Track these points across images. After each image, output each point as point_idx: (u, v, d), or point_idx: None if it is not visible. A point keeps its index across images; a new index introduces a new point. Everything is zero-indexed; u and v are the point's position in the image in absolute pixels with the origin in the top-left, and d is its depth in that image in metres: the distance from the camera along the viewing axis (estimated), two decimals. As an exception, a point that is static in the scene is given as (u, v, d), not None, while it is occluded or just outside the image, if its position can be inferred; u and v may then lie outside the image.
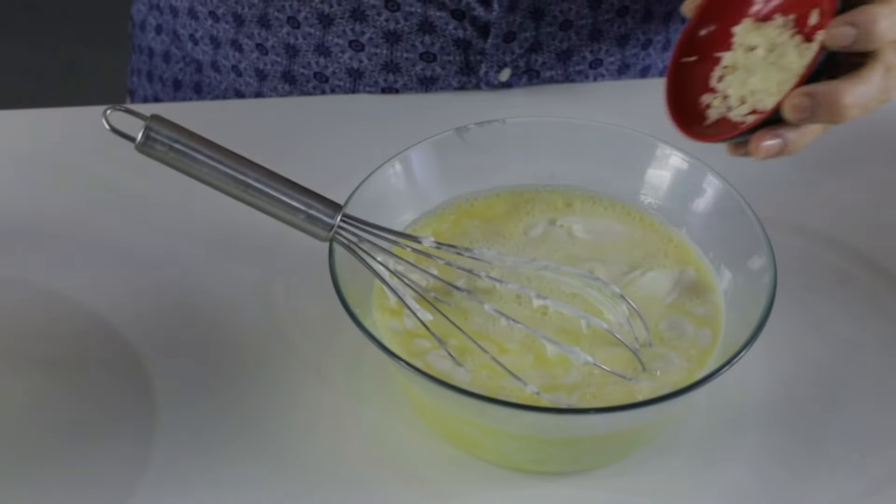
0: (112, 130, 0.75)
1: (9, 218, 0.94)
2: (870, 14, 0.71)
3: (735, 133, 0.75)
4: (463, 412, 0.76)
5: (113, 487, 0.77)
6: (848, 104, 0.71)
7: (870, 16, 0.71)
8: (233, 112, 1.05)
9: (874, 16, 0.71)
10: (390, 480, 0.78)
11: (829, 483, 0.79)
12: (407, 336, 0.79)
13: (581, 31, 1.04)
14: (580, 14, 1.03)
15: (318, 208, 0.76)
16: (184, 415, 0.81)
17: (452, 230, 0.86)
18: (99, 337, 0.86)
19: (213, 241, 0.93)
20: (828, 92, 0.71)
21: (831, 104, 0.71)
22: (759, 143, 0.73)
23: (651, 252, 0.84)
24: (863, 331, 0.88)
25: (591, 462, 0.79)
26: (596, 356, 0.77)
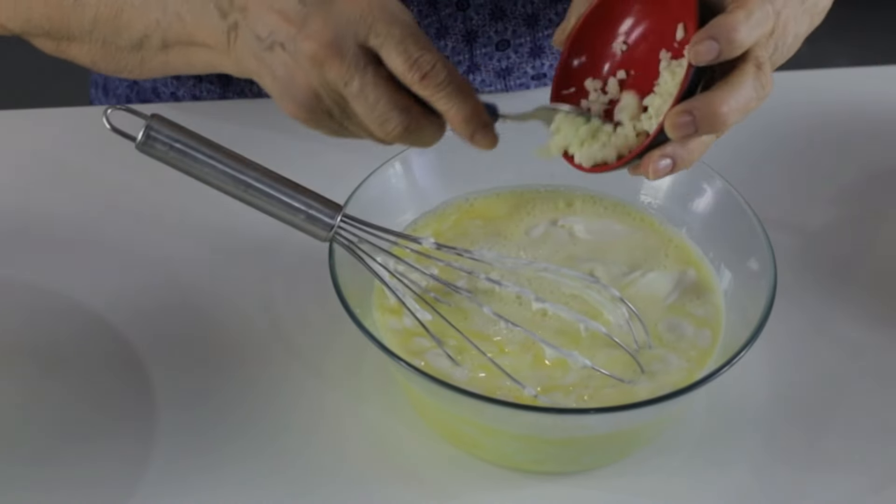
0: (113, 130, 0.74)
1: (9, 218, 0.94)
2: (728, 24, 0.71)
3: (625, 161, 0.76)
4: (462, 412, 0.76)
5: (113, 487, 0.77)
6: (726, 113, 0.72)
7: (728, 26, 0.71)
8: (233, 112, 1.04)
9: (733, 24, 0.71)
10: (390, 480, 0.78)
11: (829, 483, 0.79)
12: (406, 335, 0.79)
13: (520, 49, 1.05)
14: (517, 32, 1.04)
15: (319, 208, 0.76)
16: (184, 415, 0.81)
17: (454, 230, 0.86)
18: (99, 337, 0.86)
19: (214, 241, 0.93)
20: (704, 105, 0.72)
21: (710, 116, 0.72)
22: (649, 166, 0.75)
23: (652, 253, 0.84)
24: (863, 331, 0.88)
25: (590, 462, 0.79)
26: (595, 358, 0.77)
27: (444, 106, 0.75)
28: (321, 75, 0.75)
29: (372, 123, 0.76)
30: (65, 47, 0.90)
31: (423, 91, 0.75)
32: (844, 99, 1.08)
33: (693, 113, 0.72)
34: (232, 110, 1.05)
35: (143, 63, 0.87)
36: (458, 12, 1.01)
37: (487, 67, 1.05)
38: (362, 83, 0.75)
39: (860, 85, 1.10)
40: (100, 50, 0.88)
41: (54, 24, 0.89)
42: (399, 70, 0.75)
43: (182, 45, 0.84)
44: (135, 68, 0.88)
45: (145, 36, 0.85)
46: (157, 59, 0.87)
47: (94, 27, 0.87)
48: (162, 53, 0.86)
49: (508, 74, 1.06)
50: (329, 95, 0.76)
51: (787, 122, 1.04)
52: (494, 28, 1.03)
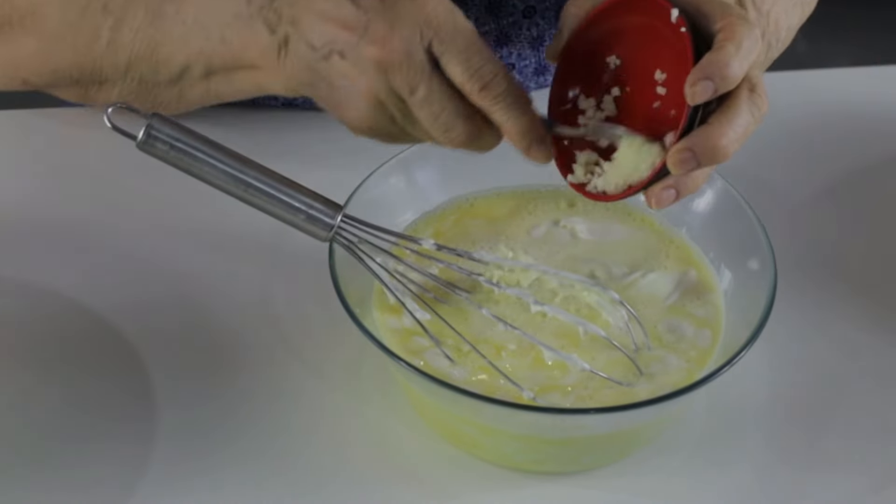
0: (114, 129, 0.74)
1: (9, 218, 0.94)
2: (721, 61, 0.72)
3: (630, 193, 0.76)
4: (462, 411, 0.76)
5: (113, 488, 0.77)
6: (725, 145, 0.73)
7: (721, 63, 0.72)
8: (233, 112, 1.04)
9: (725, 61, 0.72)
10: (390, 480, 0.78)
11: (829, 483, 0.79)
12: (406, 334, 0.79)
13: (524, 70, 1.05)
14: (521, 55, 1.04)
15: (319, 208, 0.76)
16: (184, 415, 0.81)
17: (455, 229, 0.86)
18: (99, 337, 0.86)
19: (214, 241, 0.93)
20: (704, 140, 0.73)
21: (710, 151, 0.73)
22: (654, 198, 0.75)
23: (653, 253, 0.84)
24: (863, 331, 0.88)
25: (590, 462, 0.79)
26: (595, 359, 0.77)
27: (501, 118, 0.74)
28: (386, 81, 0.74)
29: (436, 131, 0.75)
30: (94, 93, 0.87)
31: (481, 101, 0.74)
32: (844, 99, 1.08)
33: (693, 150, 0.73)
34: (232, 111, 1.05)
35: (181, 95, 0.84)
36: None
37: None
38: (429, 90, 0.73)
39: (860, 85, 1.10)
40: (135, 89, 0.85)
41: (85, 72, 0.85)
42: (459, 79, 0.74)
43: (226, 71, 0.82)
44: (172, 102, 0.86)
45: (187, 66, 0.82)
46: (197, 89, 0.84)
47: (129, 67, 0.83)
48: (203, 82, 0.83)
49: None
50: (392, 102, 0.75)
51: (787, 122, 1.04)
52: (499, 54, 1.02)
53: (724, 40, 0.72)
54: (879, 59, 1.25)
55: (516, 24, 1.02)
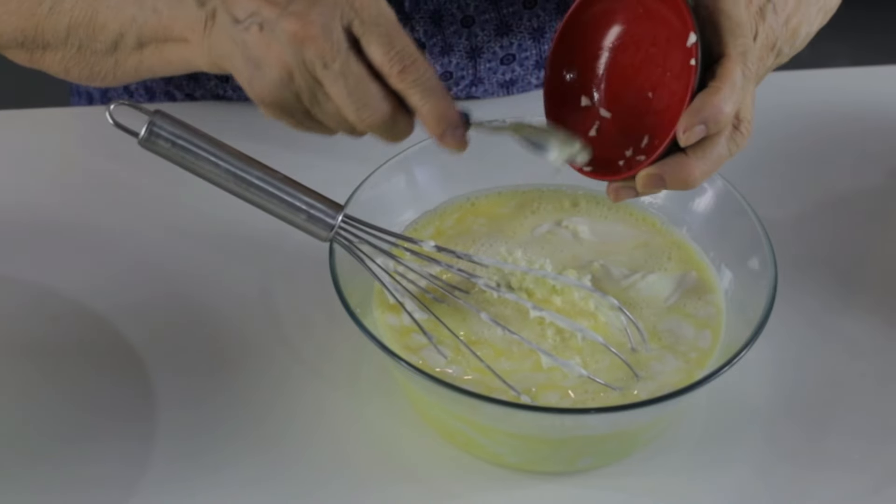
0: (116, 125, 0.74)
1: (9, 218, 0.94)
2: (715, 105, 0.73)
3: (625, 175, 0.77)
4: (460, 410, 0.76)
5: (113, 488, 0.77)
6: (696, 178, 0.75)
7: (716, 107, 0.73)
8: (233, 111, 1.04)
9: (719, 105, 0.73)
10: (390, 480, 0.78)
11: (829, 483, 0.79)
12: (404, 332, 0.79)
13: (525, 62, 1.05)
14: (522, 46, 1.04)
15: (320, 208, 0.76)
16: (184, 415, 0.81)
17: (456, 228, 0.86)
18: (99, 337, 0.86)
19: (214, 241, 0.93)
20: (677, 170, 0.75)
21: (681, 180, 0.75)
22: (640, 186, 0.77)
23: (654, 255, 0.84)
24: (863, 331, 0.88)
25: (590, 463, 0.79)
26: (595, 361, 0.77)
27: (418, 101, 0.75)
28: (299, 53, 0.74)
29: (348, 108, 0.75)
30: (38, 57, 0.90)
31: (399, 84, 0.74)
32: (844, 99, 1.08)
33: (664, 177, 0.75)
34: (233, 110, 1.05)
35: (116, 66, 0.87)
36: (462, 29, 1.01)
37: (491, 80, 1.05)
38: (344, 65, 0.74)
39: (860, 85, 1.10)
40: (74, 56, 0.88)
41: (28, 35, 0.89)
42: (379, 60, 0.74)
43: (157, 42, 0.84)
44: (108, 73, 0.88)
45: (120, 34, 0.84)
46: (131, 60, 0.86)
47: (69, 33, 0.87)
48: (136, 53, 0.85)
49: (512, 85, 1.06)
50: (302, 76, 0.75)
51: (787, 122, 1.04)
52: (500, 43, 1.03)
53: (720, 84, 0.73)
54: (879, 59, 1.25)
55: (517, 15, 1.02)
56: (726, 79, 0.73)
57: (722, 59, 0.74)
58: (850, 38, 2.45)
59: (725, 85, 0.73)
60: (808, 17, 0.84)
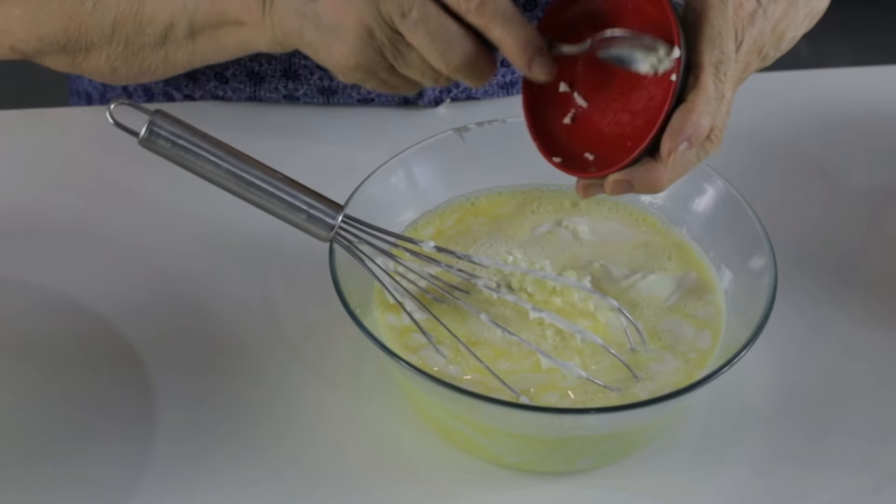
0: (116, 125, 0.74)
1: (9, 217, 0.94)
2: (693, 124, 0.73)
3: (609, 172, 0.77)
4: (460, 410, 0.75)
5: (113, 488, 0.77)
6: (664, 184, 0.75)
7: (693, 125, 0.73)
8: (233, 111, 1.04)
9: (697, 122, 0.73)
10: (390, 480, 0.78)
11: (829, 482, 0.79)
12: (404, 331, 0.79)
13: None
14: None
15: (320, 208, 0.76)
16: (184, 415, 0.81)
17: (456, 227, 0.86)
18: (99, 337, 0.86)
19: (214, 241, 0.93)
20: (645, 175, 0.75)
21: (649, 185, 0.75)
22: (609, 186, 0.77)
23: (655, 255, 0.84)
24: (863, 331, 0.88)
25: (589, 463, 0.79)
26: (595, 361, 0.77)
27: (500, 33, 0.74)
28: (375, 8, 0.74)
29: (432, 53, 0.74)
30: (81, 60, 0.88)
31: (478, 19, 0.74)
32: (844, 99, 1.08)
33: (632, 182, 0.75)
34: (233, 109, 1.05)
35: (167, 59, 0.85)
36: None
37: (491, 81, 1.05)
38: (422, 9, 0.74)
39: (860, 85, 1.10)
40: (121, 53, 0.86)
41: (71, 36, 0.86)
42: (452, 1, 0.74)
43: (210, 29, 0.82)
44: (159, 66, 0.86)
45: (171, 25, 0.82)
46: (182, 51, 0.84)
47: (114, 29, 0.84)
48: (188, 43, 0.83)
49: (512, 86, 1.06)
50: (382, 31, 0.75)
51: (787, 122, 1.04)
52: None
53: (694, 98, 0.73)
54: (879, 59, 1.25)
55: None
56: (700, 92, 0.73)
57: (696, 70, 0.74)
58: (850, 38, 2.46)
59: (700, 99, 0.73)
60: (794, 22, 0.84)
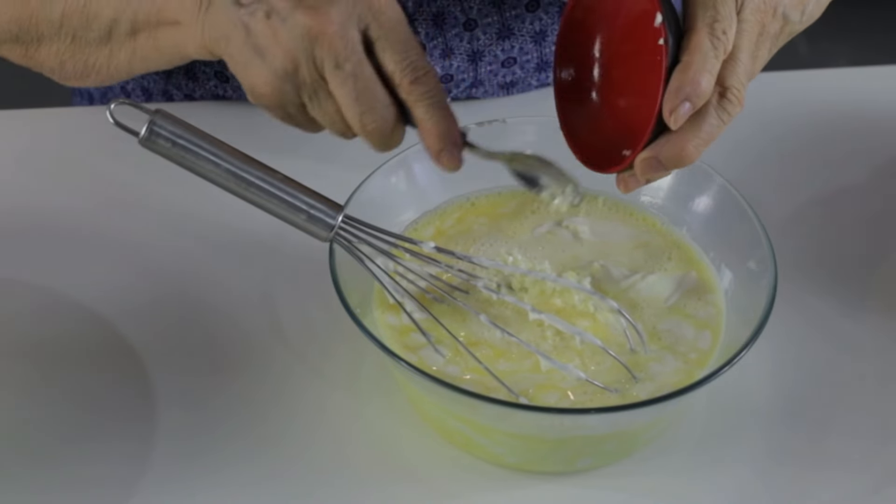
0: (116, 124, 0.74)
1: (9, 217, 0.94)
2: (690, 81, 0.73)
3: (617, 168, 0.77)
4: (460, 410, 0.75)
5: (113, 488, 0.77)
6: (691, 152, 0.74)
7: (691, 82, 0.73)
8: (233, 111, 1.04)
9: (695, 80, 0.73)
10: (390, 480, 0.78)
11: (829, 482, 0.79)
12: (403, 331, 0.79)
13: (526, 65, 1.05)
14: (523, 49, 1.04)
15: (320, 208, 0.76)
16: (184, 415, 0.81)
17: (456, 227, 0.86)
18: (99, 337, 0.86)
19: (215, 241, 0.93)
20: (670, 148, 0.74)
21: (676, 157, 0.75)
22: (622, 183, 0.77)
23: (654, 255, 0.84)
24: (863, 331, 0.88)
25: (589, 464, 0.79)
26: (594, 362, 0.77)
27: (423, 114, 0.75)
28: (310, 49, 0.74)
29: (351, 110, 0.74)
30: (33, 52, 0.89)
31: (409, 95, 0.74)
32: (844, 99, 1.08)
33: (659, 157, 0.74)
34: (233, 109, 1.05)
35: (111, 57, 0.86)
36: (464, 32, 1.01)
37: (492, 82, 1.05)
38: (356, 66, 0.74)
39: (860, 85, 1.10)
40: (69, 48, 0.86)
41: (23, 26, 0.87)
42: (391, 68, 0.74)
43: (150, 28, 0.82)
44: (102, 66, 0.87)
45: (115, 21, 0.83)
46: (124, 50, 0.85)
47: (63, 21, 0.85)
48: (130, 41, 0.84)
49: (512, 87, 1.06)
50: (309, 72, 0.74)
51: (787, 122, 1.04)
52: (501, 47, 1.03)
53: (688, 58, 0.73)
54: (879, 59, 1.25)
55: (519, 18, 1.02)
56: (695, 51, 0.73)
57: (689, 33, 0.74)
58: (850, 38, 2.46)
59: (695, 58, 0.73)
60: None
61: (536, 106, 1.06)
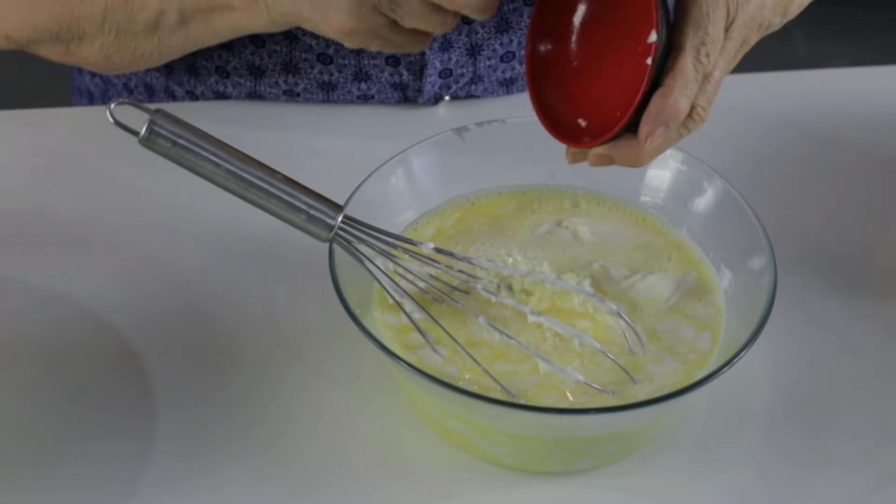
0: (116, 124, 0.74)
1: (9, 218, 0.94)
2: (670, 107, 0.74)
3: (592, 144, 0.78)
4: (459, 410, 0.75)
5: (113, 488, 0.77)
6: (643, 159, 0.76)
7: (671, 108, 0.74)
8: (234, 111, 1.04)
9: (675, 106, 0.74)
10: (390, 480, 0.78)
11: (829, 482, 0.79)
12: (403, 330, 0.79)
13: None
14: (522, 44, 1.04)
15: (320, 209, 0.76)
16: (184, 415, 0.81)
17: (456, 227, 0.86)
18: (99, 337, 0.86)
19: (214, 240, 0.93)
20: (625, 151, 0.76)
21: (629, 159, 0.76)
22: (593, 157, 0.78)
23: (654, 255, 0.84)
24: (863, 331, 0.88)
25: (588, 465, 0.79)
26: (594, 363, 0.77)
27: None
28: None
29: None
30: (75, 49, 0.88)
31: None
32: (844, 99, 1.08)
33: (613, 156, 0.76)
34: (233, 109, 1.05)
35: (160, 45, 0.85)
36: (463, 26, 1.01)
37: (491, 78, 1.05)
38: None
39: (860, 85, 1.10)
40: (114, 42, 0.85)
41: (63, 24, 0.86)
42: None
43: (202, 14, 0.82)
44: (153, 53, 0.86)
45: (161, 12, 0.82)
46: (175, 37, 0.84)
47: (105, 17, 0.84)
48: (181, 29, 0.83)
49: (512, 84, 1.06)
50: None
51: (786, 122, 1.04)
52: (500, 41, 1.03)
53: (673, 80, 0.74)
54: (879, 59, 1.25)
55: (517, 11, 1.02)
56: (678, 76, 0.74)
57: (675, 53, 0.75)
58: (851, 38, 2.45)
59: (677, 83, 0.74)
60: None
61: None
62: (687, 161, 0.86)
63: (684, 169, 0.86)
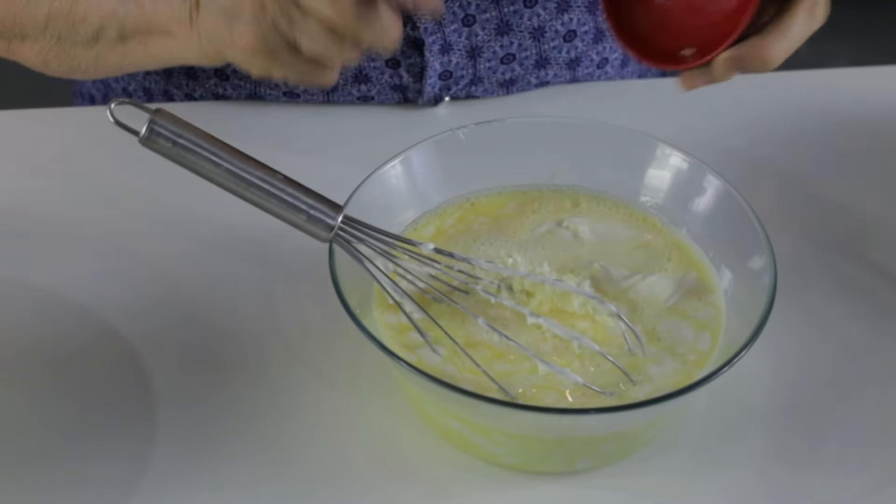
0: (116, 123, 0.74)
1: (9, 217, 0.94)
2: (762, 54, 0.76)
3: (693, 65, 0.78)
4: (458, 410, 0.75)
5: (113, 488, 0.77)
6: (774, 57, 0.76)
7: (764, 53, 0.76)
8: (233, 111, 1.04)
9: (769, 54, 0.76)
10: (390, 480, 0.78)
11: (829, 482, 0.79)
12: (402, 330, 0.79)
13: (525, 62, 1.05)
14: (522, 46, 1.04)
15: (320, 209, 0.76)
16: (184, 415, 0.81)
17: (457, 227, 0.86)
18: (99, 337, 0.86)
19: (215, 241, 0.93)
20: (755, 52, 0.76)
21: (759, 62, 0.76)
22: None
23: (655, 256, 0.84)
24: (863, 331, 0.88)
25: (587, 465, 0.79)
26: (593, 364, 0.77)
27: None
28: None
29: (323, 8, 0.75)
30: (16, 47, 0.88)
31: None
32: (844, 99, 1.08)
33: (744, 58, 0.76)
34: (233, 109, 1.05)
35: (97, 59, 0.85)
36: (463, 28, 1.01)
37: (491, 79, 1.05)
38: None
39: (860, 85, 1.10)
40: (54, 47, 0.86)
41: (6, 23, 0.86)
42: None
43: (141, 35, 0.82)
44: (90, 65, 0.86)
45: (101, 27, 0.83)
46: (113, 54, 0.84)
47: (48, 23, 0.85)
48: (119, 46, 0.84)
49: (512, 84, 1.06)
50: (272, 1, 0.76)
51: (786, 122, 1.04)
52: (500, 43, 1.03)
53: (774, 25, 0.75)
54: (879, 59, 1.25)
55: (518, 14, 1.02)
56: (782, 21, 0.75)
57: None
58: (851, 38, 2.45)
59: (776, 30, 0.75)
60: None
61: (536, 106, 1.06)
62: (687, 161, 0.86)
63: (684, 169, 0.86)
